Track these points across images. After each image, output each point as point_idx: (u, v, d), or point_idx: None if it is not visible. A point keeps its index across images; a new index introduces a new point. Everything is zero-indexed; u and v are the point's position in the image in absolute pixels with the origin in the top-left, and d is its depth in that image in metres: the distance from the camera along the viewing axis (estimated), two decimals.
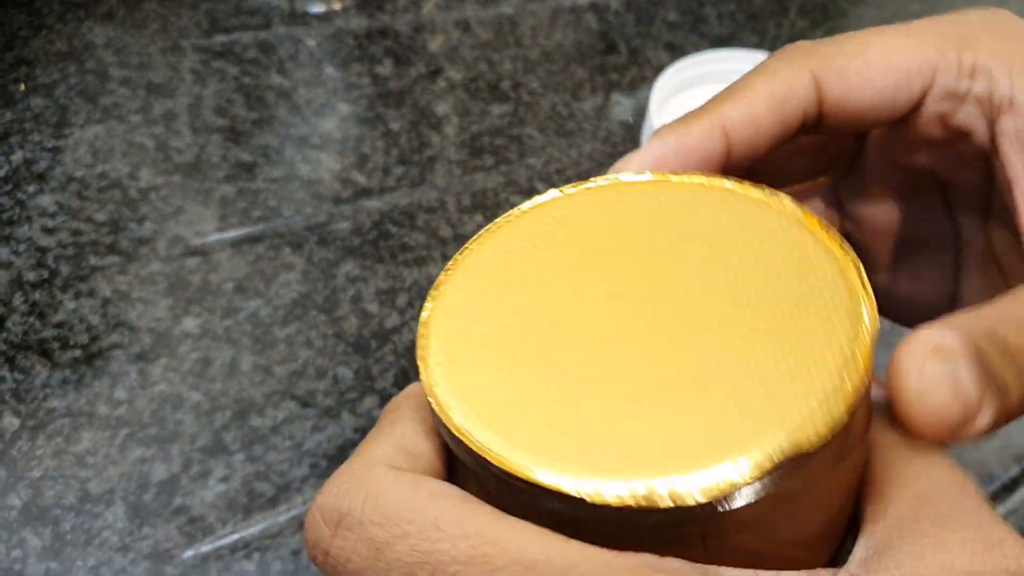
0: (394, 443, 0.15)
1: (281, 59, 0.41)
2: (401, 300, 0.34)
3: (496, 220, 0.17)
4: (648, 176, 0.17)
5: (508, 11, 0.46)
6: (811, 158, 0.22)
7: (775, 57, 0.19)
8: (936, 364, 0.14)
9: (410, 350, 0.32)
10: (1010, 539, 0.14)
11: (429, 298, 0.15)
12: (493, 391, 0.14)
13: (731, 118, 0.18)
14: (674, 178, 0.17)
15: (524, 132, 0.41)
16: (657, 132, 0.19)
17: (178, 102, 0.38)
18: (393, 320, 0.33)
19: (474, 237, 0.16)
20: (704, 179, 0.17)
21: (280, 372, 0.31)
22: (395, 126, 0.40)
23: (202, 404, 0.30)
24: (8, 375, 0.30)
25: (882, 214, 0.23)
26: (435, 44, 0.43)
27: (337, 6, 0.44)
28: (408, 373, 0.32)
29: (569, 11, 0.47)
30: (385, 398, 0.31)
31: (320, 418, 0.30)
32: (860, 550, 0.14)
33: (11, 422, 0.29)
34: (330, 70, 0.41)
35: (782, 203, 0.16)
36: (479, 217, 0.37)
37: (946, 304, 0.22)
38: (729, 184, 0.17)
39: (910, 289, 0.23)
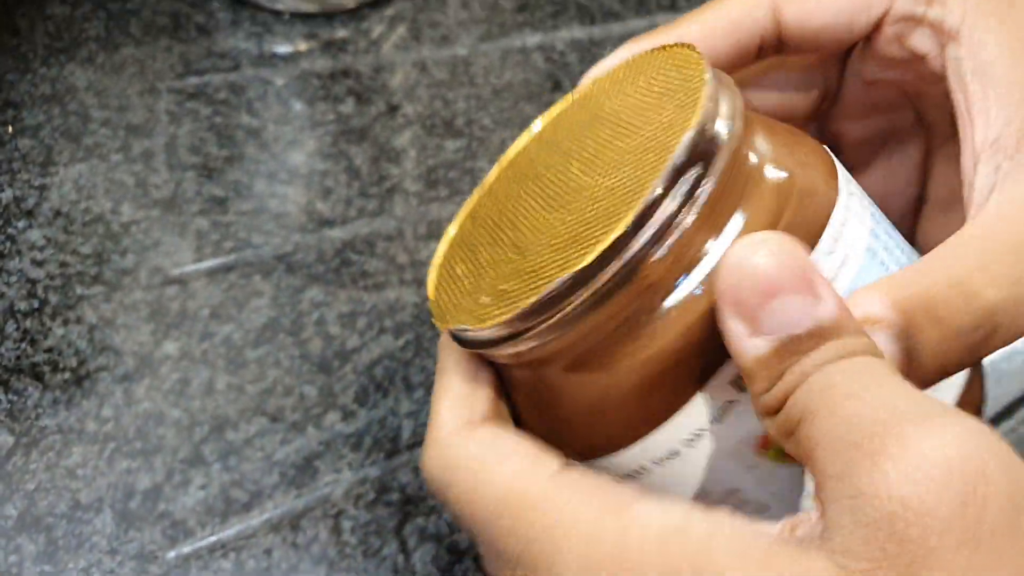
0: (451, 397, 0.19)
1: (250, 99, 0.44)
2: (361, 323, 0.37)
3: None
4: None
5: (462, 52, 0.50)
6: (801, 90, 0.24)
7: None
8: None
9: (369, 368, 0.36)
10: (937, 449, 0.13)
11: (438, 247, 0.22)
12: (460, 294, 0.19)
13: (689, 35, 0.20)
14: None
15: (477, 165, 0.44)
16: (626, 43, 0.22)
17: (155, 141, 0.42)
18: (354, 341, 0.37)
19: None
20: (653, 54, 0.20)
21: (252, 390, 0.35)
22: (357, 161, 0.43)
23: (182, 420, 0.34)
24: (3, 397, 0.33)
25: (859, 129, 0.24)
26: (394, 83, 0.47)
27: (303, 47, 0.48)
28: (367, 390, 0.35)
29: (519, 51, 0.50)
30: (347, 413, 0.35)
31: (288, 432, 0.34)
32: (808, 484, 0.15)
33: (6, 440, 0.32)
34: (296, 109, 0.45)
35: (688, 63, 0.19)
36: (434, 244, 0.41)
37: (913, 204, 0.24)
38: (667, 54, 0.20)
39: (882, 190, 0.24)
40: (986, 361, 0.19)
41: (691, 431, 0.17)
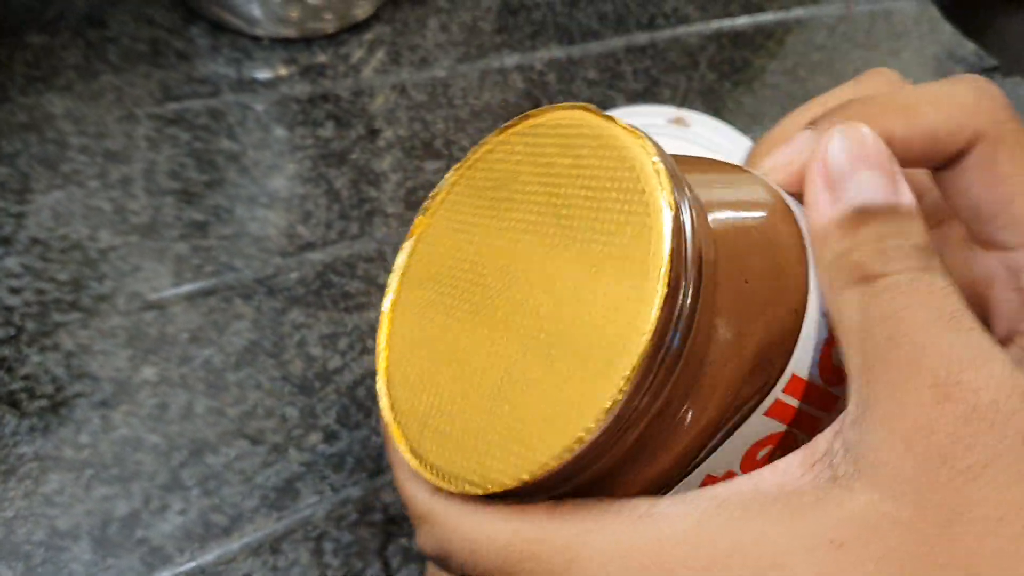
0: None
1: (230, 124, 0.45)
2: (343, 343, 0.37)
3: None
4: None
5: (441, 74, 0.50)
6: None
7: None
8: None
9: (351, 389, 0.36)
10: (971, 378, 0.14)
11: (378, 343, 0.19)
12: (417, 412, 0.17)
13: (890, 130, 0.18)
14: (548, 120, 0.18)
15: None
16: (790, 115, 0.21)
17: (134, 167, 0.42)
18: (335, 362, 0.36)
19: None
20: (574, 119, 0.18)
21: (232, 413, 0.34)
22: (337, 184, 0.43)
23: (160, 445, 0.33)
24: None
25: None
26: (373, 107, 0.47)
27: (283, 72, 0.48)
28: (348, 410, 0.35)
29: (497, 72, 0.51)
30: (328, 434, 0.34)
31: (269, 454, 0.33)
32: (851, 407, 0.15)
33: None
34: (276, 133, 0.45)
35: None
36: None
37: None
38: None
39: None
40: None
41: None
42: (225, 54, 0.48)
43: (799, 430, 0.17)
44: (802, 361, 0.16)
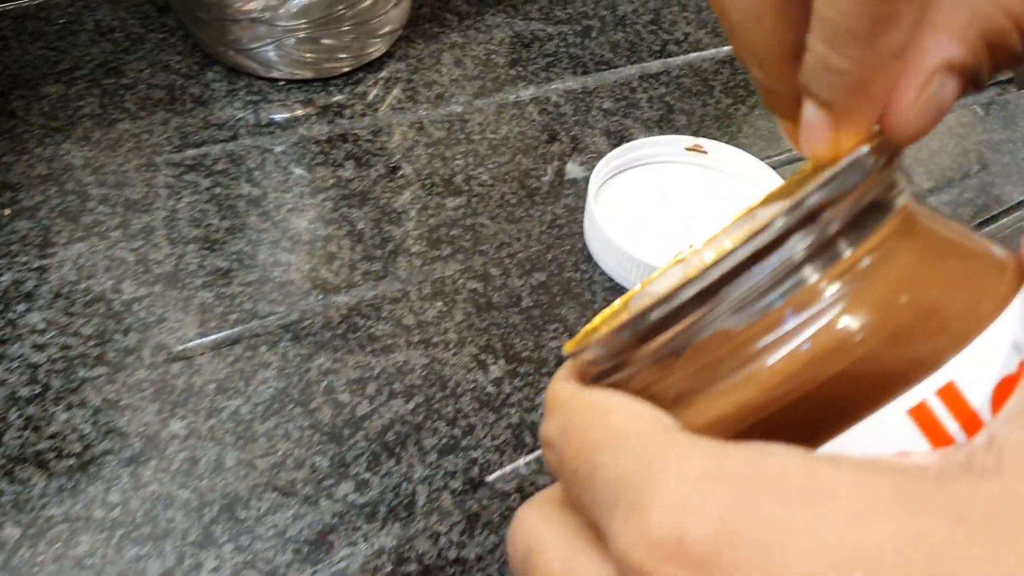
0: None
1: (249, 168, 0.44)
2: (370, 388, 0.37)
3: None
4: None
5: (458, 109, 0.50)
6: None
7: None
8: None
9: (380, 435, 0.35)
10: None
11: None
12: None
13: None
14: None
15: (477, 221, 0.44)
16: None
17: (155, 216, 0.41)
18: (364, 407, 0.36)
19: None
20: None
21: (262, 465, 0.34)
22: (359, 224, 0.43)
23: (191, 501, 0.33)
24: (7, 487, 0.32)
25: None
26: (392, 145, 0.47)
27: (300, 113, 0.48)
28: (379, 457, 0.34)
29: (513, 105, 0.51)
30: (359, 482, 0.34)
31: (300, 506, 0.33)
32: (1011, 405, 0.14)
33: (12, 532, 0.31)
34: (296, 175, 0.45)
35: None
36: (439, 304, 0.40)
37: None
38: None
39: None
40: None
41: None
42: (242, 97, 0.48)
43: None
44: (969, 375, 0.15)
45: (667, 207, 0.45)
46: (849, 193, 0.15)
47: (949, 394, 0.14)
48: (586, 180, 0.47)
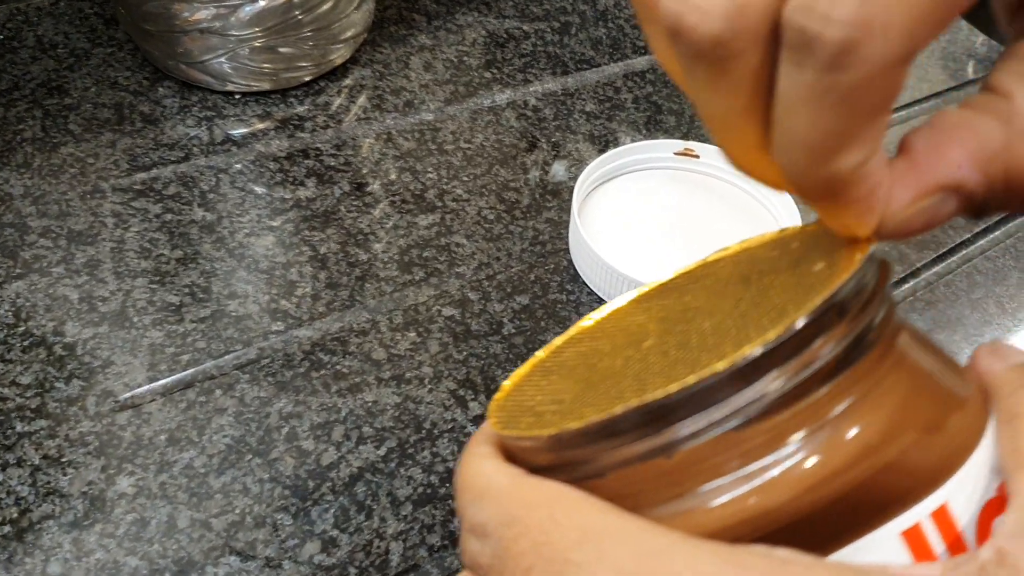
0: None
1: (203, 191, 0.41)
2: (337, 433, 0.33)
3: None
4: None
5: (428, 117, 0.46)
6: None
7: None
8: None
9: (348, 486, 0.32)
10: None
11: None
12: (537, 405, 0.17)
13: None
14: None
15: (452, 241, 0.41)
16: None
17: (100, 248, 0.38)
18: (330, 455, 0.33)
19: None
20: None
21: (218, 525, 0.31)
22: (322, 248, 0.40)
23: (140, 569, 0.30)
24: None
25: None
26: (358, 159, 0.44)
27: (257, 127, 0.44)
28: (348, 512, 0.31)
29: (488, 111, 0.47)
30: (326, 541, 0.31)
31: (262, 570, 0.30)
32: (1009, 522, 0.14)
33: None
34: (253, 197, 0.41)
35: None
36: (412, 334, 0.37)
37: None
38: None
39: None
40: None
41: None
42: (195, 114, 0.44)
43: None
44: (959, 498, 0.15)
45: (658, 218, 0.42)
46: (841, 327, 0.15)
47: (941, 516, 0.15)
48: (570, 191, 0.44)
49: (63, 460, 0.32)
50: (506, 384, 0.19)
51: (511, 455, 0.17)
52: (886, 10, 0.13)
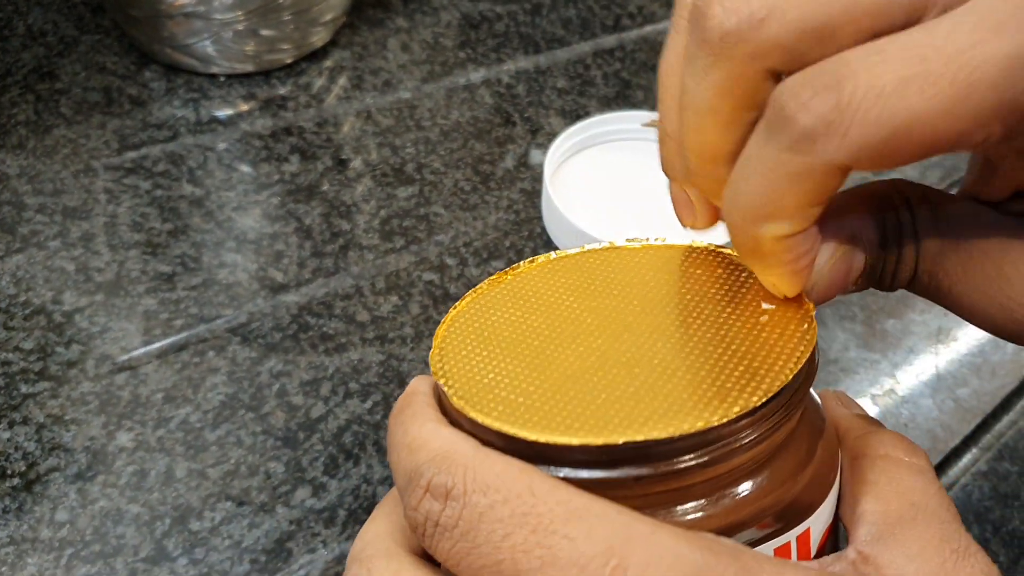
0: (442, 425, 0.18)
1: (191, 168, 0.43)
2: (324, 389, 0.36)
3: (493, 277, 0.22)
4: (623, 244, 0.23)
5: (406, 96, 0.48)
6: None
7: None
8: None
9: (336, 437, 0.34)
10: (980, 553, 0.17)
11: (442, 323, 0.20)
12: (499, 388, 0.18)
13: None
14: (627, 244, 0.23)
15: (431, 211, 0.43)
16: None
17: (94, 223, 0.40)
18: (319, 409, 0.35)
19: (473, 289, 0.22)
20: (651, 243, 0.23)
21: (214, 474, 0.33)
22: (307, 220, 0.42)
23: (142, 515, 0.32)
24: None
25: None
26: (339, 136, 0.46)
27: (242, 108, 0.46)
28: (336, 460, 0.34)
29: (463, 89, 0.49)
30: (316, 487, 0.33)
31: (256, 514, 0.32)
32: (863, 534, 0.17)
33: None
34: (240, 173, 0.43)
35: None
36: (394, 298, 0.39)
37: None
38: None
39: None
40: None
41: None
42: (181, 95, 0.46)
43: None
44: (816, 525, 0.19)
45: (627, 186, 0.44)
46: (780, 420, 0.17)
47: (804, 538, 0.18)
48: (542, 164, 0.46)
49: (66, 418, 0.34)
50: (439, 335, 0.20)
51: (451, 417, 0.18)
52: (857, 116, 0.15)
